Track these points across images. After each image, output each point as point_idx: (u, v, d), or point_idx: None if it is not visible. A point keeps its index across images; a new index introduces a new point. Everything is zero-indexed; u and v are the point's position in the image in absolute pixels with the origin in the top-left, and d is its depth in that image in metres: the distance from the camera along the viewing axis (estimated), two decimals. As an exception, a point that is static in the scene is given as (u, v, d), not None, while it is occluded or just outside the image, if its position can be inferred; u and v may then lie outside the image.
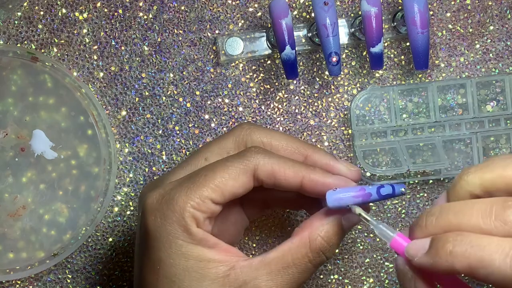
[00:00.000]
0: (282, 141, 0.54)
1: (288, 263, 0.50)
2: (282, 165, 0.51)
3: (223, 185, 0.50)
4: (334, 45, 0.59)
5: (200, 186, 0.49)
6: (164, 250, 0.49)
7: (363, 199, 0.50)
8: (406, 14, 0.59)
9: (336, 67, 0.59)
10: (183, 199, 0.49)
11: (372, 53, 0.60)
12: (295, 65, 0.59)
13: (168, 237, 0.49)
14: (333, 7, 0.58)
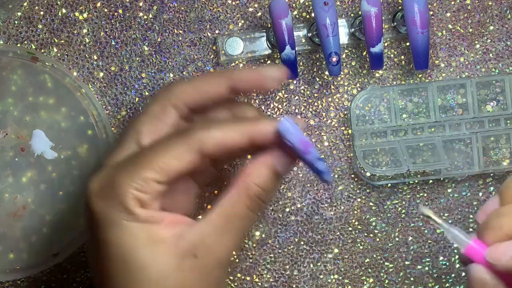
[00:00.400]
0: (202, 79, 0.54)
1: (229, 216, 0.50)
2: (225, 131, 0.50)
3: (166, 165, 0.49)
4: (334, 45, 0.59)
5: (142, 168, 0.49)
6: (111, 231, 0.49)
7: (303, 147, 0.49)
8: (406, 14, 0.59)
9: (336, 67, 0.59)
10: (126, 182, 0.49)
11: (372, 53, 0.60)
12: (295, 65, 0.59)
13: (113, 219, 0.49)
14: (333, 7, 0.58)
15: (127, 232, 0.49)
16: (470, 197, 0.65)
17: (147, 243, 0.49)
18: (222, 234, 0.50)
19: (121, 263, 0.49)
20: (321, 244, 0.65)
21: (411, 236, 0.65)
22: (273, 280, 0.65)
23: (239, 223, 0.50)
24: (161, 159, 0.49)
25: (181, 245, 0.49)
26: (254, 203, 0.51)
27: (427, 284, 0.65)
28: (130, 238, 0.49)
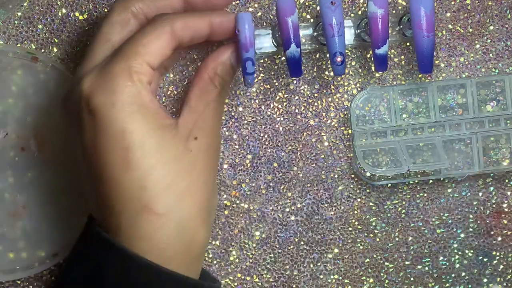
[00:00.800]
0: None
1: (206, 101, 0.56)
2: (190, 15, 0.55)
3: (152, 49, 0.52)
4: (339, 45, 0.58)
5: (133, 53, 0.52)
6: (125, 118, 0.51)
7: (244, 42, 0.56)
8: (413, 17, 0.58)
9: (341, 67, 0.59)
10: (124, 68, 0.51)
11: (377, 54, 0.59)
12: (300, 63, 0.59)
13: (124, 105, 0.51)
14: (340, 7, 0.58)
15: (140, 116, 0.51)
16: (470, 197, 0.65)
17: (157, 127, 0.52)
18: (207, 116, 0.55)
19: (139, 149, 0.51)
20: (321, 244, 0.65)
21: (411, 236, 0.65)
22: (273, 280, 0.65)
23: (214, 105, 0.56)
24: (145, 43, 0.52)
25: (181, 130, 0.54)
26: (221, 88, 0.57)
27: (427, 284, 0.65)
28: (143, 122, 0.51)
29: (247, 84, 0.58)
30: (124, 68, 0.51)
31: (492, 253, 0.65)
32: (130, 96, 0.51)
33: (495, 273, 0.65)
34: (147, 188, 0.51)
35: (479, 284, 0.65)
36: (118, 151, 0.51)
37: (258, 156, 0.65)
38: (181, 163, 0.53)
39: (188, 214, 0.53)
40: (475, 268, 0.65)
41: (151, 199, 0.51)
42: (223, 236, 0.65)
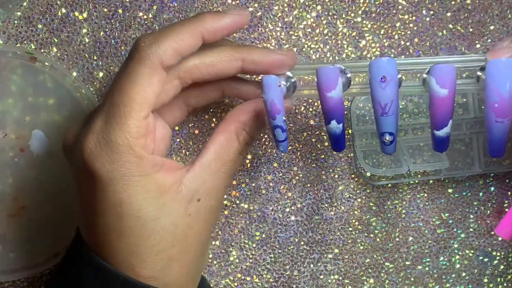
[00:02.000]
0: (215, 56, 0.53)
1: (224, 160, 0.53)
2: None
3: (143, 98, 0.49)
4: (387, 125, 0.50)
5: (127, 115, 0.49)
6: (123, 190, 0.49)
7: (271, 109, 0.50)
8: (487, 97, 0.47)
9: (389, 146, 0.51)
10: (122, 136, 0.49)
11: (435, 135, 0.51)
12: (342, 139, 0.52)
13: (124, 178, 0.49)
14: (393, 82, 0.49)
15: (139, 188, 0.50)
16: (470, 197, 0.65)
17: (157, 194, 0.50)
18: (218, 177, 0.53)
19: (135, 218, 0.50)
20: (321, 244, 0.65)
21: (411, 236, 0.65)
22: (273, 280, 0.65)
23: (232, 165, 0.54)
24: (136, 95, 0.49)
25: (184, 191, 0.52)
26: (244, 148, 0.54)
27: (427, 284, 0.65)
28: (142, 192, 0.50)
29: (279, 151, 0.57)
30: (123, 139, 0.49)
31: (493, 253, 0.65)
32: (130, 168, 0.49)
33: (495, 273, 0.65)
34: (136, 253, 0.50)
35: (480, 284, 0.65)
36: (113, 217, 0.50)
37: (258, 156, 0.65)
38: (177, 228, 0.51)
39: (175, 279, 0.52)
40: (476, 268, 0.65)
41: (139, 264, 0.50)
42: (223, 236, 0.65)
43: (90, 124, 0.51)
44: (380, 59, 0.49)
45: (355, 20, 0.65)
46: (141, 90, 0.50)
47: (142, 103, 0.49)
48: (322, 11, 0.65)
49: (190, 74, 0.53)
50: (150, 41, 0.50)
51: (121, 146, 0.49)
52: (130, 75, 0.50)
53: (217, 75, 0.53)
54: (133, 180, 0.49)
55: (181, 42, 0.50)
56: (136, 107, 0.49)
